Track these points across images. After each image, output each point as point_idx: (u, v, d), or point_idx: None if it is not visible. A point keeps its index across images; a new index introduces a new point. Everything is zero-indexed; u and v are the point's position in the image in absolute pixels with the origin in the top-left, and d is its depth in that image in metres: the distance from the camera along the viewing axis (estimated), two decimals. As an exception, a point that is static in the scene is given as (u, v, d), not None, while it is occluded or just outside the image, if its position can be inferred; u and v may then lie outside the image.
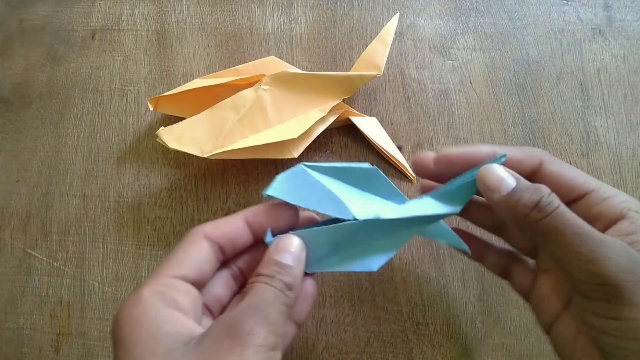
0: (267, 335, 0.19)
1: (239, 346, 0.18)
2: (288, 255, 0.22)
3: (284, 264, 0.21)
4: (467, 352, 0.31)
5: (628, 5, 0.39)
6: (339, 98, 0.34)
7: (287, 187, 0.22)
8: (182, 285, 0.21)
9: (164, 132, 0.32)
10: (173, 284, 0.21)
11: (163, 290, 0.20)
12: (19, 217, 0.35)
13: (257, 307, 0.20)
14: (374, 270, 0.23)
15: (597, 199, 0.21)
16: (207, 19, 0.39)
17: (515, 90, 0.37)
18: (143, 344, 0.18)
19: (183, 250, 0.22)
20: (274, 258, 0.22)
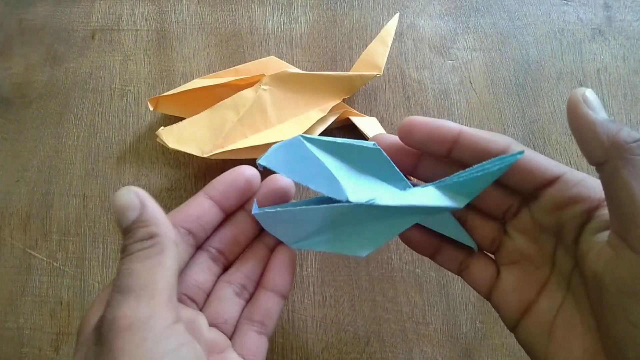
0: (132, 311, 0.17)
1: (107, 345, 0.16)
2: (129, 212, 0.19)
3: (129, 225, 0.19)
4: (467, 352, 0.31)
5: (628, 5, 0.39)
6: (339, 98, 0.34)
7: (281, 158, 0.21)
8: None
9: (164, 132, 0.32)
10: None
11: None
12: (19, 217, 0.35)
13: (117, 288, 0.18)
14: (362, 257, 0.21)
15: (571, 181, 0.20)
16: (207, 19, 0.39)
17: (515, 90, 0.37)
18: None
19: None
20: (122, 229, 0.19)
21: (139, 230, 0.19)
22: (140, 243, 0.19)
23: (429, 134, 0.22)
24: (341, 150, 0.22)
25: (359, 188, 0.21)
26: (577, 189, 0.20)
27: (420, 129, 0.22)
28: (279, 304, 0.23)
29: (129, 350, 0.16)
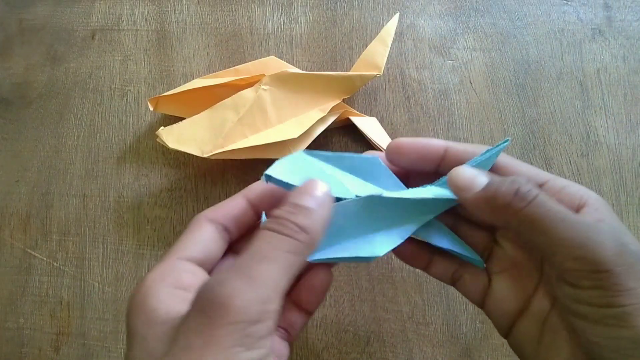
0: (249, 306, 0.15)
1: (208, 326, 0.15)
2: (309, 198, 0.18)
3: (301, 205, 0.18)
4: (467, 352, 0.31)
5: (628, 5, 0.39)
6: (339, 98, 0.34)
7: (287, 170, 0.21)
8: (188, 266, 0.19)
9: (164, 132, 0.32)
10: (177, 266, 0.19)
11: (166, 272, 0.19)
12: (19, 217, 0.35)
13: (241, 266, 0.16)
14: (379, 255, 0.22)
15: (554, 188, 0.21)
16: (207, 19, 0.39)
17: (515, 90, 0.37)
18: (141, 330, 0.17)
19: (187, 235, 0.21)
20: (290, 200, 0.18)
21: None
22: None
23: (416, 155, 0.23)
24: (342, 162, 0.23)
25: (362, 188, 0.22)
26: (558, 197, 0.21)
27: (408, 151, 0.23)
28: (305, 319, 0.23)
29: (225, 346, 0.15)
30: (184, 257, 0.20)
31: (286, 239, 0.17)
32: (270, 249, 0.16)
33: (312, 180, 0.19)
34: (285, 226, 0.17)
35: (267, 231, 0.17)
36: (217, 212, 0.22)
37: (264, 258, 0.16)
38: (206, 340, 0.14)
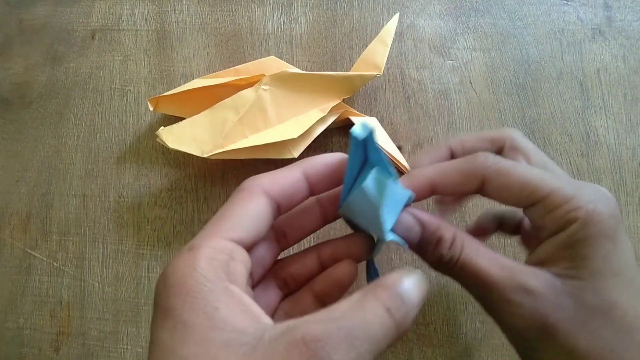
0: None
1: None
2: (417, 300, 0.17)
3: (407, 303, 0.17)
4: (467, 352, 0.31)
5: (628, 5, 0.39)
6: (339, 98, 0.34)
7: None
8: (239, 252, 0.18)
9: (164, 132, 0.32)
10: (231, 251, 0.18)
11: (221, 258, 0.17)
12: (19, 217, 0.35)
13: (354, 338, 0.15)
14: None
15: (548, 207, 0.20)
16: (207, 19, 0.39)
17: (515, 90, 0.37)
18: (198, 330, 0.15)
19: (240, 207, 0.19)
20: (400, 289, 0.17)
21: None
22: None
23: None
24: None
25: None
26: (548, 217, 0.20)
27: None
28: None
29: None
30: (237, 238, 0.18)
31: (393, 328, 0.16)
32: (380, 333, 0.16)
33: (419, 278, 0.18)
34: (396, 316, 0.16)
35: (381, 307, 0.16)
36: (275, 184, 0.20)
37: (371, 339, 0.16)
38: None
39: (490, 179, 0.21)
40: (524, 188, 0.20)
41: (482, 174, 0.21)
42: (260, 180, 0.20)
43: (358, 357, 0.15)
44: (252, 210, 0.19)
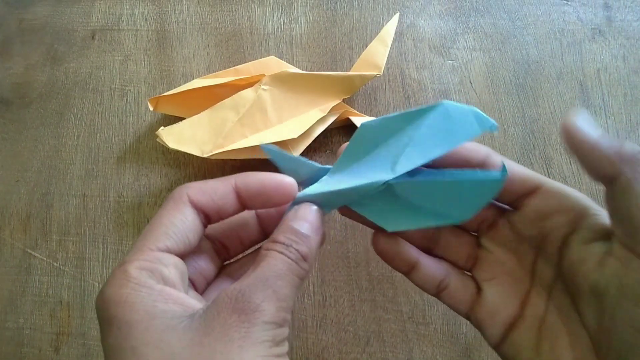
0: (276, 312, 0.18)
1: (245, 322, 0.17)
2: (306, 224, 0.20)
3: (301, 233, 0.20)
4: (467, 352, 0.31)
5: (628, 5, 0.39)
6: (339, 98, 0.34)
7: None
8: (169, 258, 0.19)
9: (164, 132, 0.32)
10: (160, 259, 0.19)
11: (150, 266, 0.18)
12: (19, 217, 0.35)
13: (267, 280, 0.18)
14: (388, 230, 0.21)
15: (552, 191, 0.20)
16: (207, 19, 0.39)
17: (515, 90, 0.37)
18: (140, 323, 0.17)
19: (167, 219, 0.20)
20: (291, 225, 0.20)
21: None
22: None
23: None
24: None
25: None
26: (559, 198, 0.20)
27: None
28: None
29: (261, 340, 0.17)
30: (164, 247, 0.19)
31: (294, 264, 0.19)
32: (285, 271, 0.19)
33: (305, 206, 0.21)
34: (293, 253, 0.20)
35: (278, 254, 0.19)
36: (203, 194, 0.21)
37: (280, 277, 0.19)
38: (245, 335, 0.17)
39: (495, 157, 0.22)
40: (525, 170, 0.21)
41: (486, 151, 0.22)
42: (187, 189, 0.21)
43: (276, 293, 0.18)
44: (178, 221, 0.20)
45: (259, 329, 0.17)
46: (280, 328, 0.18)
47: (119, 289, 0.18)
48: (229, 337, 0.17)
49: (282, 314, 0.18)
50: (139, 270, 0.18)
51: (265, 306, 0.18)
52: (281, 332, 0.18)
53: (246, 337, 0.17)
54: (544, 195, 0.21)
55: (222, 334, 0.17)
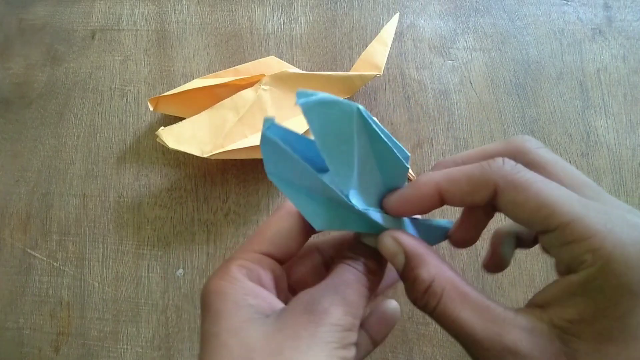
0: (343, 316, 0.19)
1: (313, 323, 0.18)
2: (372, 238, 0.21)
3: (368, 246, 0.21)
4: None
5: (628, 5, 0.39)
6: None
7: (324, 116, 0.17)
8: (267, 261, 0.21)
9: (164, 132, 0.32)
10: (259, 260, 0.21)
11: (249, 266, 0.20)
12: (19, 217, 0.35)
13: (336, 287, 0.20)
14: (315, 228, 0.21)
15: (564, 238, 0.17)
16: (207, 19, 0.39)
17: (515, 90, 0.37)
18: (227, 312, 0.19)
19: (274, 225, 0.22)
20: (358, 239, 0.22)
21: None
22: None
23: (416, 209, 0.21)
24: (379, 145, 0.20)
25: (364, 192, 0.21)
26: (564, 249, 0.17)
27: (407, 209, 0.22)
28: (368, 347, 0.25)
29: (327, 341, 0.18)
30: (265, 251, 0.21)
31: (361, 275, 0.20)
32: (353, 280, 0.20)
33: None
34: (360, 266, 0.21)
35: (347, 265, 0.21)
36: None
37: (350, 285, 0.20)
38: (312, 333, 0.18)
39: (503, 190, 0.18)
40: (541, 209, 0.17)
41: (494, 183, 0.18)
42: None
43: (344, 299, 0.19)
44: (283, 229, 0.22)
45: (326, 330, 0.18)
46: (347, 332, 0.19)
47: (218, 280, 0.20)
48: (298, 334, 0.18)
49: (349, 319, 0.19)
50: (239, 268, 0.20)
51: (333, 310, 0.19)
52: (347, 335, 0.19)
53: (313, 335, 0.18)
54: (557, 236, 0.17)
55: (292, 331, 0.18)
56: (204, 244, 0.34)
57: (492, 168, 0.18)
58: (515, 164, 0.18)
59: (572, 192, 0.17)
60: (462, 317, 0.18)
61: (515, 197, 0.17)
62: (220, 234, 0.34)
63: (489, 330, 0.17)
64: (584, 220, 0.16)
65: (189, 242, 0.34)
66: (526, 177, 0.18)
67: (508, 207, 0.18)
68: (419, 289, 0.19)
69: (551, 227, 0.17)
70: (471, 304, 0.18)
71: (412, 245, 0.20)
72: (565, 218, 0.16)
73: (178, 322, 0.32)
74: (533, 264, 0.32)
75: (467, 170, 0.19)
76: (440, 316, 0.19)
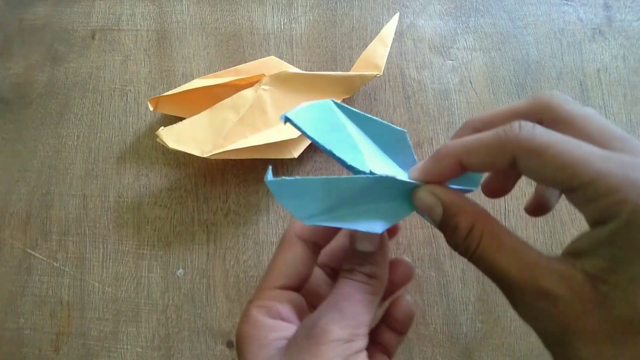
0: (341, 330, 0.20)
1: (314, 345, 0.20)
2: (365, 241, 0.22)
3: (363, 253, 0.22)
4: (467, 352, 0.31)
5: (628, 5, 0.39)
6: (339, 98, 0.34)
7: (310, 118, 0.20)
8: (284, 295, 0.23)
9: (164, 132, 0.32)
10: (275, 297, 0.23)
11: (267, 304, 0.22)
12: (19, 217, 0.35)
13: (335, 304, 0.21)
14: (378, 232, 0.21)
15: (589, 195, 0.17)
16: (207, 19, 0.39)
17: (515, 90, 0.37)
18: (252, 354, 0.21)
19: (280, 259, 0.23)
20: (353, 248, 0.22)
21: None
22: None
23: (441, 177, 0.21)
24: (368, 124, 0.22)
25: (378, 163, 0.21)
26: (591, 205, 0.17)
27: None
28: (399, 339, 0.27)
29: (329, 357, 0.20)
30: (279, 285, 0.23)
31: (359, 284, 0.22)
32: (353, 292, 0.21)
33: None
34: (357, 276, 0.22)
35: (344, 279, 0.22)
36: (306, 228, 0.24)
37: (348, 298, 0.21)
38: (314, 354, 0.19)
39: (520, 157, 0.18)
40: (560, 171, 0.17)
41: (511, 150, 0.18)
42: (293, 228, 0.24)
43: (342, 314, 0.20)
44: (289, 259, 0.23)
45: (326, 348, 0.19)
46: (349, 343, 0.20)
47: (243, 325, 0.22)
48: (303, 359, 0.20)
49: (349, 331, 0.20)
50: (258, 309, 0.22)
51: (330, 327, 0.20)
52: (350, 346, 0.20)
53: (316, 356, 0.19)
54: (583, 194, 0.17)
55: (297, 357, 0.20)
56: (204, 244, 0.34)
57: (508, 135, 0.18)
58: (532, 126, 0.18)
59: (594, 148, 0.17)
60: (498, 260, 0.18)
61: (533, 162, 0.17)
62: (220, 234, 0.34)
63: (523, 273, 0.18)
64: (606, 175, 0.16)
65: (189, 242, 0.34)
66: (543, 140, 0.17)
67: (528, 173, 0.18)
68: (460, 235, 0.19)
69: (573, 187, 0.17)
70: (508, 247, 0.18)
71: (448, 195, 0.20)
72: (586, 177, 0.16)
73: (178, 322, 0.32)
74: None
75: (485, 140, 0.19)
76: (479, 260, 0.19)
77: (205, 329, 0.32)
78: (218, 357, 0.31)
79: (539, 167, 0.17)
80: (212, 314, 0.32)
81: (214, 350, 0.32)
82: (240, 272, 0.33)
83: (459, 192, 0.21)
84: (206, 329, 0.32)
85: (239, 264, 0.33)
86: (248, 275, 0.33)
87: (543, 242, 0.33)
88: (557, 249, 0.33)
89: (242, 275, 0.33)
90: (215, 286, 0.33)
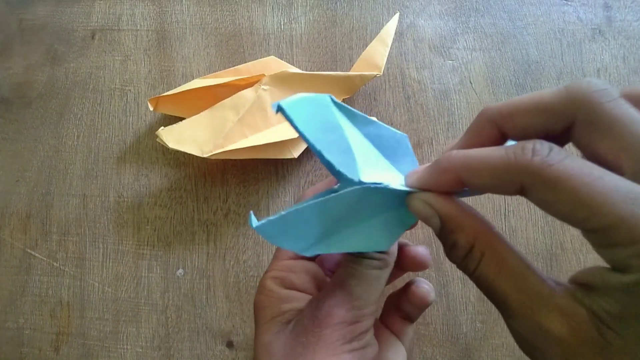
0: (346, 313, 0.20)
1: (318, 327, 0.20)
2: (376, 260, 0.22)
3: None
4: (467, 352, 0.31)
5: (628, 5, 0.39)
6: (339, 98, 0.34)
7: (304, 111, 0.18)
8: (298, 264, 0.23)
9: (164, 132, 0.32)
10: (290, 267, 0.23)
11: (280, 275, 0.23)
12: (19, 217, 0.35)
13: (341, 282, 0.21)
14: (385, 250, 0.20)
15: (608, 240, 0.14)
16: (207, 19, 0.39)
17: (515, 90, 0.37)
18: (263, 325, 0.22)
19: None
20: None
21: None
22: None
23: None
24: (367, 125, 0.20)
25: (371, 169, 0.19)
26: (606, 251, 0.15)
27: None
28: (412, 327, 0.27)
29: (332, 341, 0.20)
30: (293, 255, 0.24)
31: (369, 260, 0.21)
32: (359, 269, 0.21)
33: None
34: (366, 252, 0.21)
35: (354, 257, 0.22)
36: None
37: (353, 276, 0.21)
38: (318, 337, 0.20)
39: (530, 189, 0.15)
40: (578, 209, 0.14)
41: (520, 180, 0.15)
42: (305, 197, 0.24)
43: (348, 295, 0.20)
44: None
45: (330, 331, 0.20)
46: (353, 325, 0.20)
47: (258, 295, 0.23)
48: (307, 340, 0.20)
49: (353, 312, 0.20)
50: (272, 279, 0.23)
51: (335, 311, 0.20)
52: (353, 328, 0.20)
53: (320, 339, 0.20)
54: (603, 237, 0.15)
55: (303, 339, 0.20)
56: (204, 244, 0.34)
57: (519, 161, 0.15)
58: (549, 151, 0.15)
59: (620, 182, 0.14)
60: (497, 284, 0.17)
61: (545, 195, 0.15)
62: (220, 234, 0.34)
63: (523, 304, 0.16)
64: (630, 221, 0.13)
65: (189, 242, 0.34)
66: (558, 170, 0.14)
67: (539, 205, 0.16)
68: (459, 254, 0.18)
69: (591, 229, 0.14)
70: (508, 271, 0.17)
71: (446, 207, 0.18)
72: (606, 220, 0.14)
73: (178, 322, 0.32)
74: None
75: (491, 161, 0.16)
76: (478, 280, 0.17)
77: (205, 329, 0.32)
78: (218, 357, 0.31)
79: (552, 201, 0.15)
80: (212, 314, 0.32)
81: (214, 350, 0.32)
82: (240, 272, 0.33)
83: (458, 202, 0.18)
84: (206, 329, 0.32)
85: (239, 264, 0.33)
86: (248, 275, 0.33)
87: (543, 242, 0.33)
88: (557, 249, 0.33)
89: (242, 275, 0.33)
90: (215, 286, 0.33)
